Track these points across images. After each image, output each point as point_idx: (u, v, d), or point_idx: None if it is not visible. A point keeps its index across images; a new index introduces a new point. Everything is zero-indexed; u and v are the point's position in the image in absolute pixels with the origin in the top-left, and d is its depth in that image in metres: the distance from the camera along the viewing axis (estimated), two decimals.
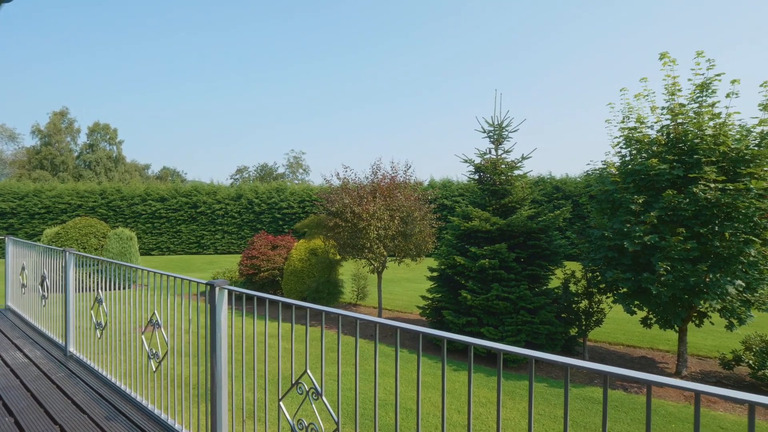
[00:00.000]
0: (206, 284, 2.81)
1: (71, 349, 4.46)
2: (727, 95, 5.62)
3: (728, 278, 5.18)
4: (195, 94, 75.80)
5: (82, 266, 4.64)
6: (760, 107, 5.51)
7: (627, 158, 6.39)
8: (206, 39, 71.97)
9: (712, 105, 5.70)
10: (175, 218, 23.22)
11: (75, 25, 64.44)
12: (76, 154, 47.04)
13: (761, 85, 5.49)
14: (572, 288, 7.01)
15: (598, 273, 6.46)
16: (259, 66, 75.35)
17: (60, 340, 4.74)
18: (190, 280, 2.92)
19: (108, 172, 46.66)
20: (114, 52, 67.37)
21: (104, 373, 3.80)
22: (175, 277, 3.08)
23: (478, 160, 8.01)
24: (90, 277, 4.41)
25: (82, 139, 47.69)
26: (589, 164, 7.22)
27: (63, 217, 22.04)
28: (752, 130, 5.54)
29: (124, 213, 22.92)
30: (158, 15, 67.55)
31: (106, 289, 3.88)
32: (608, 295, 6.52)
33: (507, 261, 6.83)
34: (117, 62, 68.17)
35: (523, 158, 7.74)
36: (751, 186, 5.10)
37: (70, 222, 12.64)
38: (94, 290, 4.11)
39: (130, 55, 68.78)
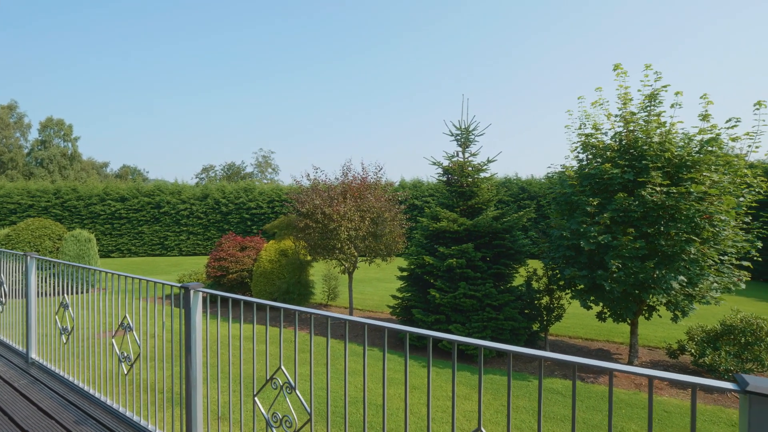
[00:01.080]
0: (180, 287, 2.85)
1: (33, 355, 4.32)
2: (672, 106, 6.10)
3: (672, 274, 5.63)
4: (158, 90, 73.11)
5: (38, 269, 4.49)
6: (700, 117, 6.01)
7: (584, 162, 6.79)
8: (170, 37, 69.53)
9: (659, 114, 6.17)
10: (136, 219, 22.38)
11: (25, 16, 60.75)
12: (26, 150, 44.37)
13: (701, 98, 5.99)
14: (534, 285, 7.37)
15: (557, 271, 6.84)
16: (226, 64, 73.54)
17: (20, 347, 4.57)
18: (163, 284, 2.94)
19: (62, 170, 44.28)
20: (70, 45, 64.01)
21: (71, 379, 3.73)
22: (147, 281, 3.09)
23: (446, 163, 8.27)
24: (45, 281, 4.30)
25: (34, 135, 45.10)
26: (550, 167, 7.63)
27: (12, 218, 20.80)
28: (693, 138, 6.03)
29: (81, 213, 21.88)
30: (119, 9, 64.69)
31: (68, 293, 3.80)
32: (567, 291, 6.91)
33: (473, 260, 7.10)
34: (73, 55, 64.80)
35: (489, 161, 8.06)
36: (692, 190, 5.56)
37: (21, 223, 11.99)
38: (53, 295, 4.02)
39: (88, 49, 65.54)
